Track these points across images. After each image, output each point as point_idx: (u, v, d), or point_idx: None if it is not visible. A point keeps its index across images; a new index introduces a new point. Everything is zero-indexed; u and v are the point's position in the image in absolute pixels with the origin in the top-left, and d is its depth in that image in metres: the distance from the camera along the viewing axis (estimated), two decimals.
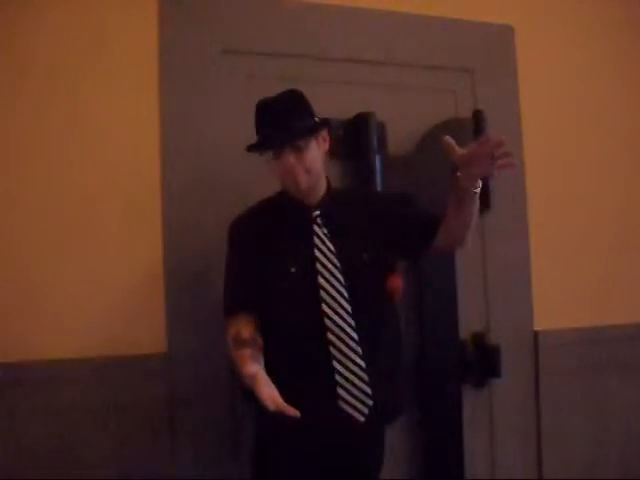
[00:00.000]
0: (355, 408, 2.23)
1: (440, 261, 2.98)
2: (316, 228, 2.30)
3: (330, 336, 2.22)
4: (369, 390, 2.23)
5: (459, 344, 3.04)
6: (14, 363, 2.40)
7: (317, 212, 2.32)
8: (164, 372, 2.56)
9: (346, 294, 2.24)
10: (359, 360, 2.23)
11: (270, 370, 2.13)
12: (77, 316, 2.49)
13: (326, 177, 2.38)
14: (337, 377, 2.22)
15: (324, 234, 2.29)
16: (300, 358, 2.22)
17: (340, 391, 2.22)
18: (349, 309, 2.23)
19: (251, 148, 2.27)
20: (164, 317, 2.60)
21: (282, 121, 2.22)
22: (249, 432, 2.36)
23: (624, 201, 3.40)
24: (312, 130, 2.27)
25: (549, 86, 3.27)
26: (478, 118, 2.97)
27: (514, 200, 3.17)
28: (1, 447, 2.38)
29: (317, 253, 2.26)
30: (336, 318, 2.22)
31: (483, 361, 3.05)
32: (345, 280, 2.25)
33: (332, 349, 2.22)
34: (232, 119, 2.71)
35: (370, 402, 2.23)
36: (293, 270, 2.24)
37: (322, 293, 2.23)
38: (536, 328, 3.17)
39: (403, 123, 2.98)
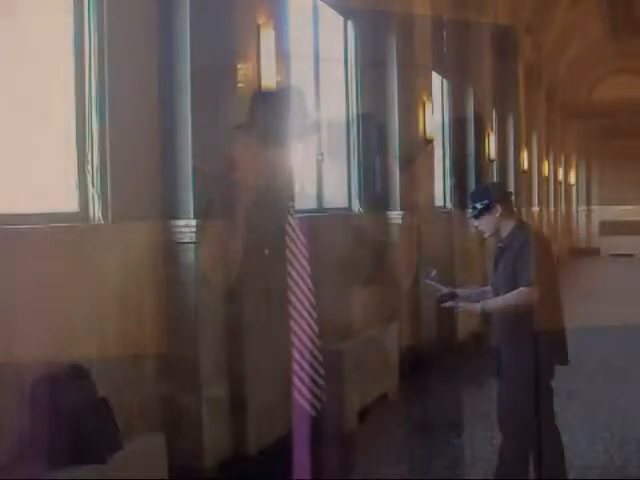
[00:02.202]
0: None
1: (439, 260, 2.98)
2: (289, 219, 2.34)
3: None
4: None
5: (459, 344, 3.04)
6: (14, 363, 2.39)
7: (291, 203, 2.38)
8: (164, 372, 2.56)
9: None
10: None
11: None
12: (77, 316, 2.49)
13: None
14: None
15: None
16: None
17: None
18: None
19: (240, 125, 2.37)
20: (164, 317, 2.60)
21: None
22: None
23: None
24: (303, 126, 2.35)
25: (549, 86, 3.27)
26: (478, 118, 2.98)
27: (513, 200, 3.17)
28: (2, 447, 2.38)
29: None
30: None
31: (483, 361, 3.05)
32: None
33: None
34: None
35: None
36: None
37: None
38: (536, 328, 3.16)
39: (403, 123, 2.98)
